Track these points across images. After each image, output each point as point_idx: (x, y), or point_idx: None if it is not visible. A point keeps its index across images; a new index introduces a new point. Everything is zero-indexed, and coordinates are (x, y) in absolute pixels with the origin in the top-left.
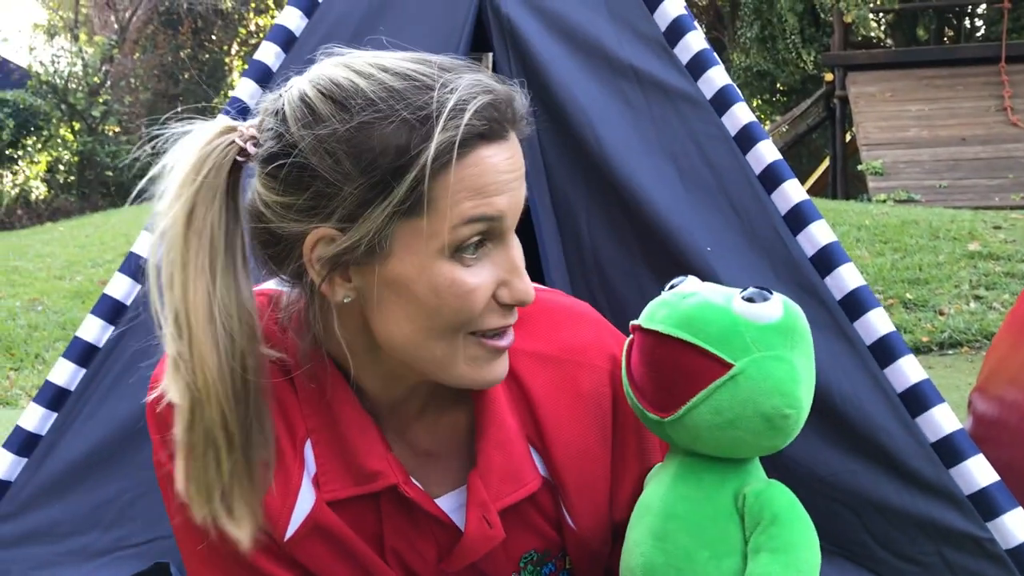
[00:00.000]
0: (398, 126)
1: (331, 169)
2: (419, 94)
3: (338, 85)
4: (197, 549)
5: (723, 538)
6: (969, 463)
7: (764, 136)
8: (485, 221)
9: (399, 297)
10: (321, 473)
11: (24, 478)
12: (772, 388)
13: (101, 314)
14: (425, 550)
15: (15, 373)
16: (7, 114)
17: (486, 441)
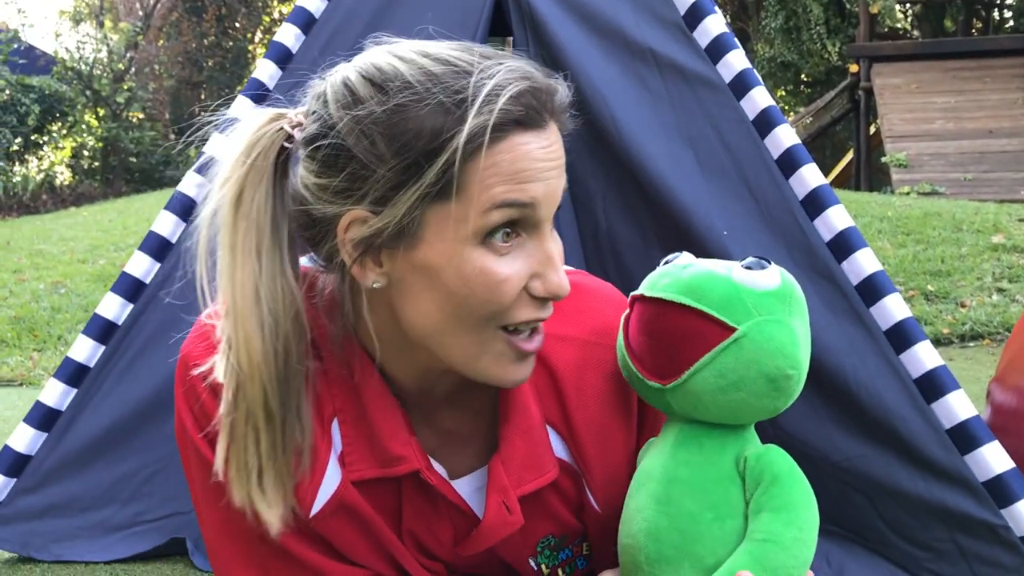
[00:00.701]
0: (433, 109)
1: (366, 151)
2: (457, 79)
3: (379, 69)
4: (218, 522)
5: (725, 500)
6: (984, 450)
7: (782, 120)
8: (516, 207)
9: (428, 284)
10: (347, 452)
11: (44, 452)
12: (775, 349)
13: (121, 292)
14: (442, 534)
15: (38, 354)
16: (33, 100)
17: (510, 427)
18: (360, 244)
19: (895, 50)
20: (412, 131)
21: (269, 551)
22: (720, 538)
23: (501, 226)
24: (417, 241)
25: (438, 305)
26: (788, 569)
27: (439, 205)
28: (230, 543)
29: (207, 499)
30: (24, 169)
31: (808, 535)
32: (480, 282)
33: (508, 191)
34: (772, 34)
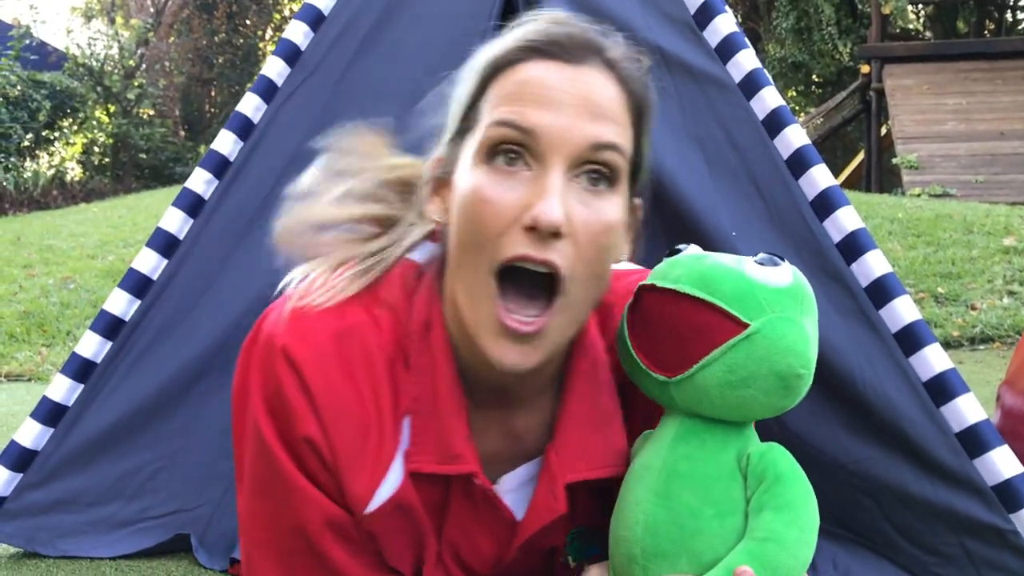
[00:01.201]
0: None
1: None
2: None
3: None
4: (263, 513)
5: (726, 497)
6: (993, 454)
7: (792, 120)
8: (512, 128)
9: (454, 211)
10: (412, 445)
11: (50, 448)
12: (787, 348)
13: (128, 288)
14: (482, 544)
15: (47, 349)
16: (44, 96)
17: (566, 415)
18: (431, 181)
19: (907, 51)
20: (466, 67)
21: (300, 547)
22: (720, 535)
23: (500, 144)
24: (456, 167)
25: (454, 232)
26: (788, 569)
27: (469, 130)
28: (265, 533)
29: (257, 488)
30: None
31: (809, 536)
32: (469, 200)
33: (508, 111)
34: (783, 34)
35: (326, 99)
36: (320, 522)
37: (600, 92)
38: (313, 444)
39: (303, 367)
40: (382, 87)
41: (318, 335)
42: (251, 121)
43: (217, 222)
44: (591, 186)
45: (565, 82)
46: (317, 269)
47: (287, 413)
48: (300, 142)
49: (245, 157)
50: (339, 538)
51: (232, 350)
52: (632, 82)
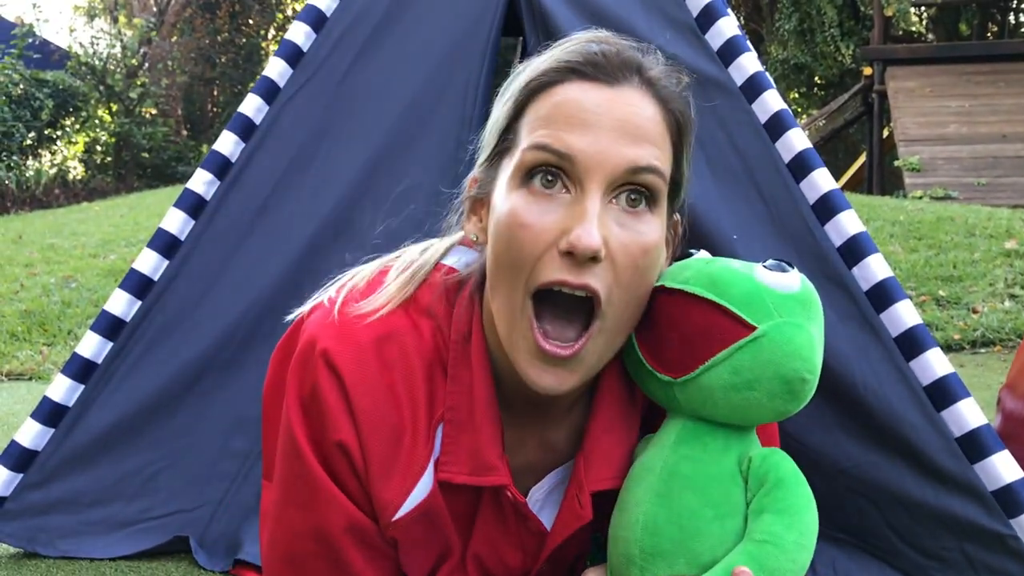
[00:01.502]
0: (526, 65)
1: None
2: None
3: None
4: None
5: (727, 499)
6: (994, 459)
7: (794, 124)
8: (549, 152)
9: (491, 233)
10: (444, 454)
11: (51, 448)
12: (793, 352)
13: (129, 288)
14: (509, 558)
15: (48, 348)
16: (46, 95)
17: (596, 424)
18: (470, 200)
19: (909, 53)
20: (505, 87)
21: (318, 551)
22: (719, 536)
23: (537, 167)
24: (495, 188)
25: (491, 254)
26: (785, 572)
27: (508, 151)
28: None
29: (285, 487)
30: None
31: (808, 540)
32: (506, 223)
33: (544, 135)
34: (786, 36)
35: (327, 101)
36: (342, 526)
37: (639, 113)
38: (345, 448)
39: (343, 371)
40: (383, 90)
41: (360, 339)
42: (253, 122)
43: (218, 223)
44: (630, 207)
45: (603, 104)
46: (359, 273)
47: (321, 416)
48: (302, 143)
49: (247, 158)
50: (359, 544)
51: (233, 350)
52: (671, 100)
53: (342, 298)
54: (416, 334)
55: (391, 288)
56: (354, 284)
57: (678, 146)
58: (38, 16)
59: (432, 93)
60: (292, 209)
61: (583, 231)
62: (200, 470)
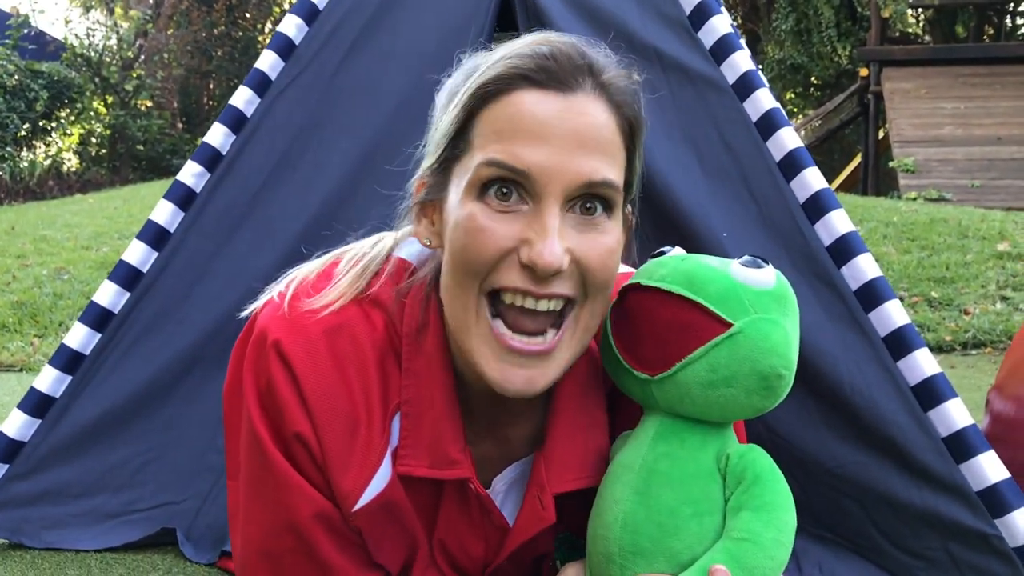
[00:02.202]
0: (466, 73)
1: (436, 113)
2: (498, 51)
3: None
4: (257, 502)
5: (705, 496)
6: (980, 459)
7: (786, 123)
8: (503, 169)
9: (447, 239)
10: (402, 447)
11: (37, 439)
12: (770, 348)
13: (118, 280)
14: (472, 547)
15: (39, 340)
16: (41, 86)
17: (557, 425)
18: (419, 202)
19: (905, 54)
20: (450, 89)
21: (295, 546)
22: (698, 534)
23: (492, 182)
24: (447, 195)
25: (447, 258)
26: (764, 569)
27: (459, 159)
28: (261, 526)
29: (252, 483)
30: (31, 155)
31: (786, 537)
32: (464, 229)
33: (499, 150)
34: (782, 36)
35: (319, 94)
36: (310, 515)
37: (592, 122)
38: (303, 440)
39: (294, 363)
40: (375, 84)
41: (310, 330)
42: (244, 115)
43: (208, 215)
44: (588, 215)
45: (556, 115)
46: (308, 267)
47: (278, 408)
48: (293, 136)
49: (237, 150)
50: (329, 532)
51: (222, 343)
52: (624, 104)
53: (292, 291)
54: (368, 324)
55: (343, 283)
56: (304, 277)
57: (631, 149)
58: (33, 7)
59: (424, 88)
60: (282, 202)
61: (545, 247)
62: (188, 463)
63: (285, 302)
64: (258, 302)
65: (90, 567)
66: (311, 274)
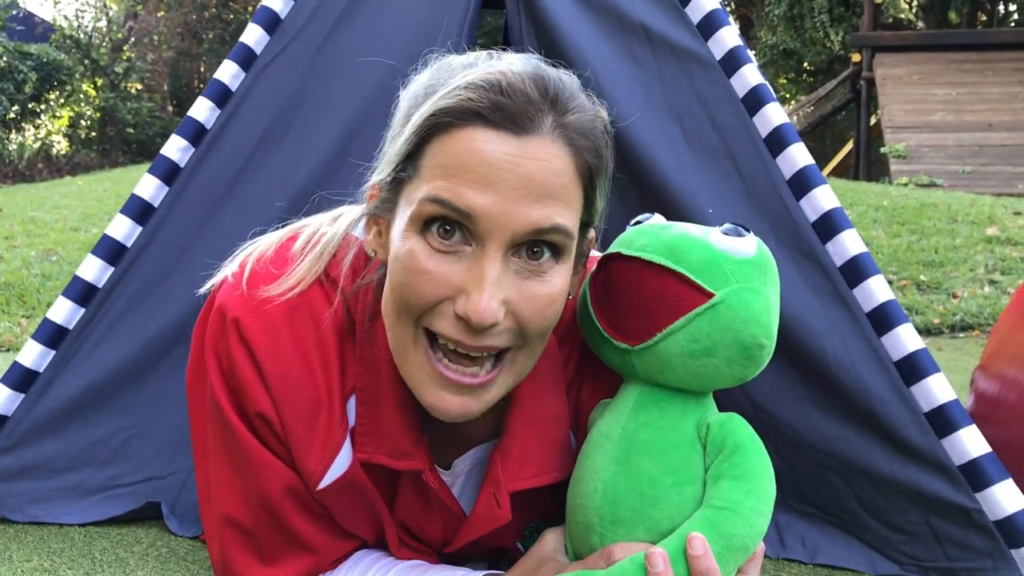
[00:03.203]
0: (426, 86)
1: (393, 126)
2: (458, 70)
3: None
4: (224, 480)
5: (686, 465)
6: (961, 433)
7: (772, 98)
8: (448, 208)
9: (389, 266)
10: (359, 432)
11: (20, 413)
12: (751, 318)
13: (102, 255)
14: (430, 528)
15: (27, 320)
16: (30, 67)
17: (514, 420)
18: (370, 212)
19: (898, 40)
20: (408, 104)
21: (268, 521)
22: (678, 503)
23: (435, 219)
24: (394, 216)
25: (387, 285)
26: (743, 538)
27: (407, 182)
28: (233, 505)
29: (222, 459)
30: (20, 137)
31: (766, 506)
32: (403, 265)
33: (443, 187)
34: (775, 21)
35: (305, 69)
36: (280, 488)
37: (546, 168)
38: (265, 418)
39: (254, 343)
40: (359, 59)
41: (270, 311)
42: (229, 89)
43: (193, 190)
44: (534, 261)
45: (507, 159)
46: (265, 241)
47: (240, 387)
48: (278, 111)
49: (222, 125)
50: (299, 505)
51: None
52: (585, 148)
53: (249, 268)
54: (327, 305)
55: (300, 269)
56: (261, 253)
57: (589, 191)
58: None
59: (411, 62)
60: (267, 177)
61: (480, 302)
62: (172, 438)
63: (243, 280)
64: (215, 278)
65: (74, 540)
66: (268, 249)
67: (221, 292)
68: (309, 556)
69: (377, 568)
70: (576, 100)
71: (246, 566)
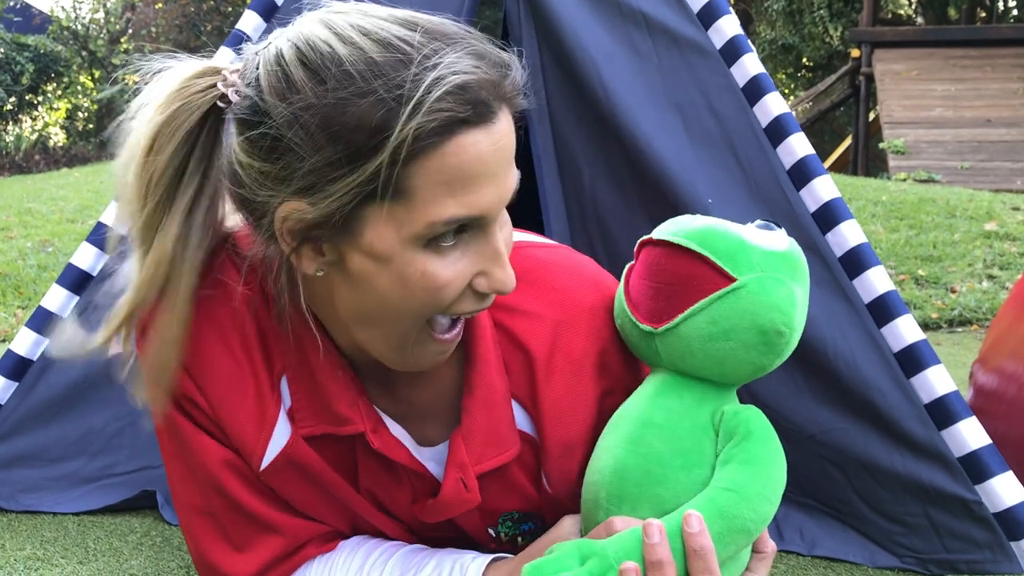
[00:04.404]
0: (373, 104)
1: (302, 141)
2: (398, 69)
3: (315, 49)
4: (181, 473)
5: (697, 449)
6: (961, 425)
7: (772, 88)
8: (464, 220)
9: (367, 279)
10: (296, 409)
11: (14, 402)
12: (771, 304)
13: (96, 242)
14: (399, 495)
15: (22, 311)
16: (27, 59)
17: (472, 402)
18: (298, 234)
19: (897, 36)
20: (350, 124)
21: (224, 504)
22: (685, 484)
23: (450, 233)
24: (357, 237)
25: (377, 300)
26: (745, 521)
27: (381, 205)
28: (192, 494)
29: (171, 452)
30: (17, 129)
31: (772, 493)
32: (421, 286)
33: (455, 204)
34: (774, 16)
35: None
36: (219, 464)
37: (510, 138)
38: (192, 399)
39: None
40: None
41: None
42: None
43: None
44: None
45: (492, 150)
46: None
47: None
48: None
49: None
50: (244, 481)
51: None
52: (518, 104)
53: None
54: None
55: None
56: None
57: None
58: None
59: None
60: None
61: (503, 274)
62: None
63: None
64: None
65: (67, 529)
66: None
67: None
68: (276, 537)
69: (381, 551)
70: (509, 62)
71: (219, 554)
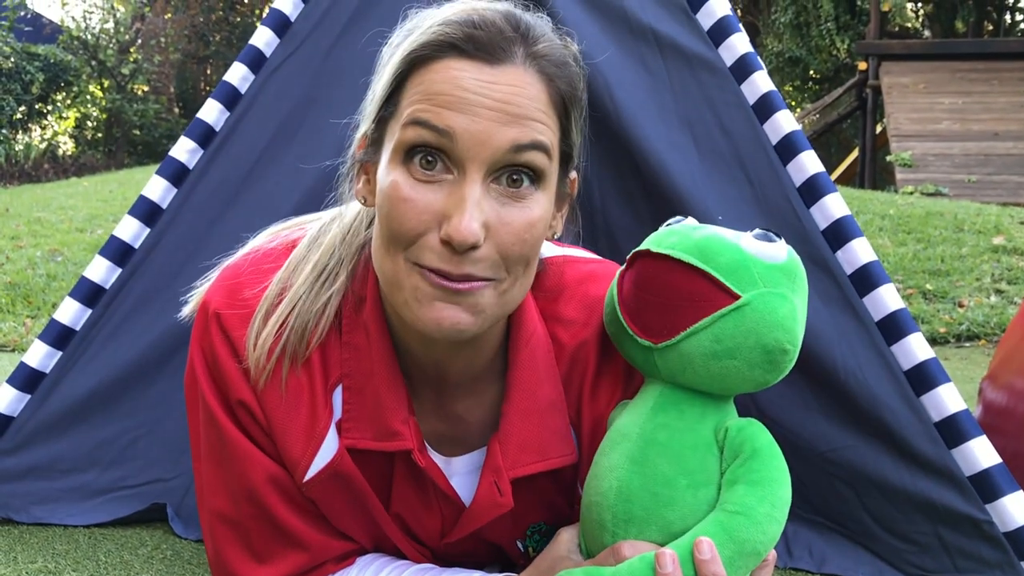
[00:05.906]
0: (405, 34)
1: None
2: (434, 13)
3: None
4: (215, 477)
5: (702, 468)
6: (972, 444)
7: (782, 105)
8: (428, 129)
9: (377, 203)
10: (346, 419)
11: (27, 414)
12: (776, 323)
13: (109, 256)
14: (429, 522)
15: (32, 321)
16: (37, 68)
17: (511, 408)
18: (359, 160)
19: (904, 49)
20: (386, 56)
21: (254, 513)
22: (692, 505)
23: (417, 147)
24: (380, 157)
25: (377, 221)
26: (755, 543)
27: (389, 120)
28: (221, 499)
29: (209, 455)
30: (27, 138)
31: (780, 513)
32: (388, 197)
33: (422, 110)
34: (781, 29)
35: (314, 72)
36: (262, 479)
37: (521, 93)
38: (247, 406)
39: (232, 332)
40: (370, 62)
41: (250, 300)
42: (238, 91)
43: (201, 192)
44: (514, 187)
45: (482, 86)
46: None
47: (222, 377)
48: (287, 113)
49: (231, 127)
50: (283, 497)
51: None
52: (557, 77)
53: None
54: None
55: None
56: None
57: (564, 120)
58: None
59: None
60: (276, 180)
61: (460, 222)
62: (177, 440)
63: (227, 277)
64: (207, 283)
65: (79, 542)
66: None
67: (207, 287)
68: (301, 553)
69: (390, 570)
70: (548, 32)
71: (239, 563)
